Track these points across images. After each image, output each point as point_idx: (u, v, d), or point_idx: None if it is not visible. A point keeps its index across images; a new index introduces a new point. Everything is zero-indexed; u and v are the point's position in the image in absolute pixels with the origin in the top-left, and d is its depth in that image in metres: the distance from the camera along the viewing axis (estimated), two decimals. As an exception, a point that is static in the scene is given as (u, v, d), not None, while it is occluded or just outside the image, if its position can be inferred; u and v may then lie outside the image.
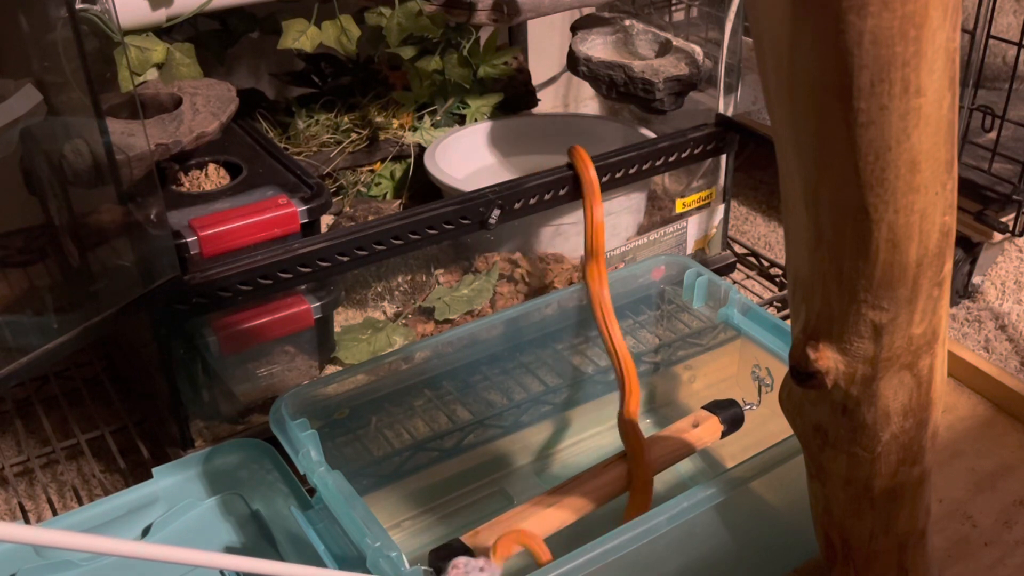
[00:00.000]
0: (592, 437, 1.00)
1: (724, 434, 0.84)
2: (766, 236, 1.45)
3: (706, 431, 0.82)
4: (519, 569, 0.71)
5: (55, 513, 0.96)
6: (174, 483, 0.86)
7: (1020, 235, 1.11)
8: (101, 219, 0.92)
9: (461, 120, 1.27)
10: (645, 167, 1.11)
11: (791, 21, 0.46)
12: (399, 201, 1.20)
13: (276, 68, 1.34)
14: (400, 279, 1.07)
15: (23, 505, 0.99)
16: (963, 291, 1.27)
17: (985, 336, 1.21)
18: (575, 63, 1.20)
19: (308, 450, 0.77)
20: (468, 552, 0.67)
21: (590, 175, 1.01)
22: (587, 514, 0.76)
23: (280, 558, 0.80)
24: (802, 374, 0.58)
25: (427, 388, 0.93)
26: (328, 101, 1.25)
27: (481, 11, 1.05)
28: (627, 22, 1.25)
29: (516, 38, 1.45)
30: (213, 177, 1.02)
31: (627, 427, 0.82)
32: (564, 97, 1.63)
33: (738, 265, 1.32)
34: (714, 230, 1.25)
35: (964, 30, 1.05)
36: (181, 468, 0.87)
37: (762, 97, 0.53)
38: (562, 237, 1.13)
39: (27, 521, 0.95)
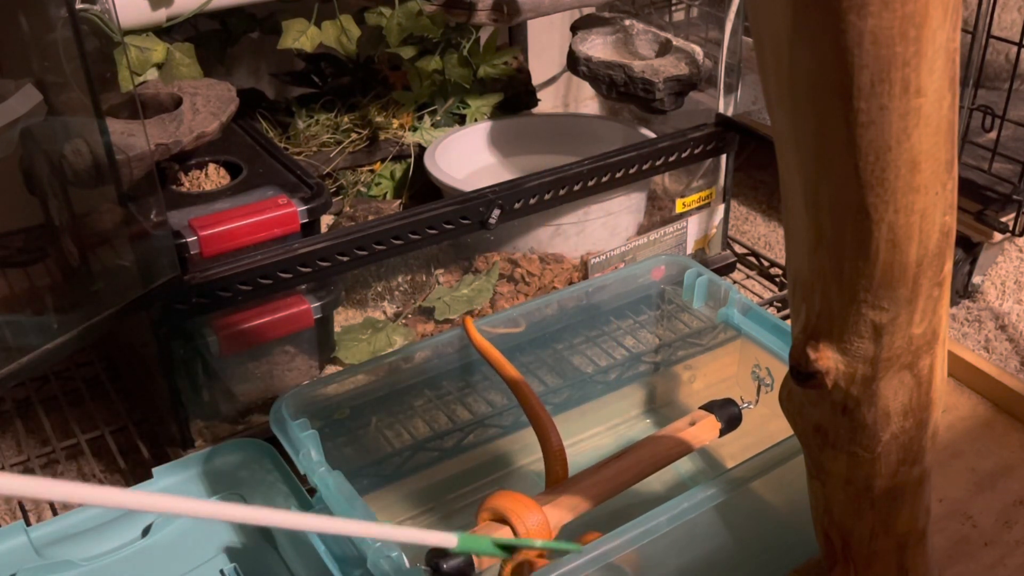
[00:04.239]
0: (592, 437, 1.00)
1: (722, 433, 0.84)
2: (766, 236, 1.45)
3: (704, 430, 0.82)
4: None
5: (55, 513, 0.96)
6: (174, 483, 0.86)
7: (1020, 235, 1.11)
8: (101, 219, 0.92)
9: (461, 120, 1.27)
10: (645, 167, 1.11)
11: (791, 21, 0.46)
12: (399, 201, 1.20)
13: (276, 68, 1.34)
14: (400, 279, 1.07)
15: (23, 505, 0.99)
16: (963, 291, 1.27)
17: (985, 336, 1.21)
18: (575, 63, 1.20)
19: (308, 450, 0.77)
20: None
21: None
22: (586, 512, 0.76)
23: (280, 558, 0.80)
24: (802, 374, 0.58)
25: (427, 388, 0.93)
26: (328, 101, 1.25)
27: (481, 11, 1.05)
28: (627, 22, 1.25)
29: (516, 38, 1.45)
30: (213, 177, 1.02)
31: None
32: (564, 97, 1.63)
33: (738, 265, 1.32)
34: (714, 230, 1.25)
35: (964, 29, 1.05)
36: (181, 468, 0.87)
37: (762, 97, 0.53)
38: (562, 237, 1.13)
39: (27, 521, 0.95)
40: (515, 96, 1.30)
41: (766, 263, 1.33)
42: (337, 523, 0.53)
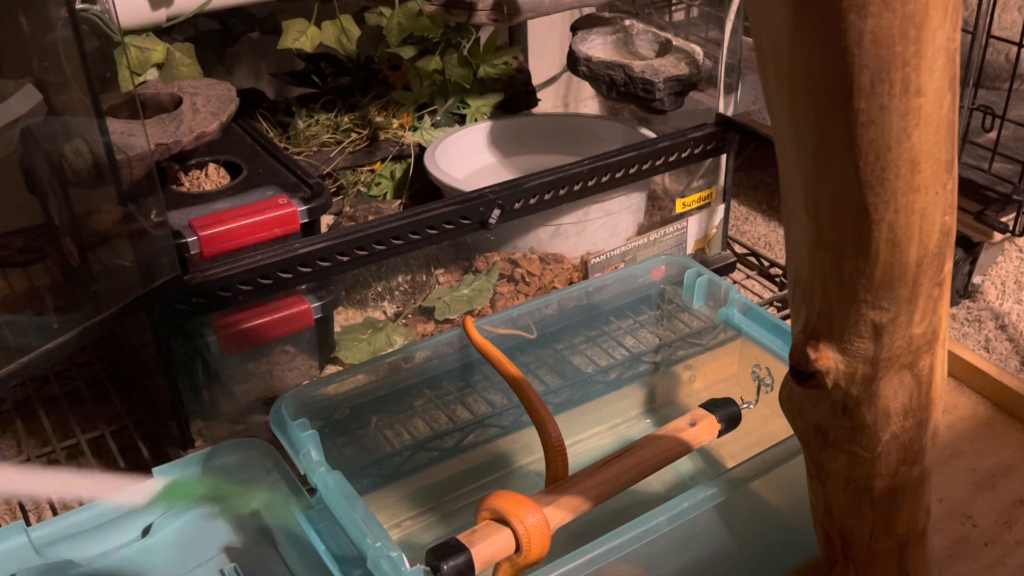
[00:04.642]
0: (592, 437, 1.00)
1: (721, 432, 0.84)
2: (766, 236, 1.45)
3: (703, 430, 0.82)
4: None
5: (55, 513, 0.96)
6: (174, 483, 0.86)
7: (1020, 235, 1.11)
8: (101, 219, 0.92)
9: (461, 120, 1.27)
10: (645, 167, 1.11)
11: (791, 21, 0.46)
12: (399, 201, 1.20)
13: (276, 68, 1.34)
14: (400, 279, 1.07)
15: (23, 505, 0.99)
16: (963, 291, 1.27)
17: (985, 336, 1.21)
18: (575, 63, 1.20)
19: (308, 450, 0.77)
20: (465, 551, 0.67)
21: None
22: (585, 512, 0.76)
23: (280, 558, 0.80)
24: (802, 374, 0.58)
25: (427, 388, 0.93)
26: (328, 101, 1.25)
27: (481, 11, 1.05)
28: (627, 22, 1.25)
29: (516, 38, 1.45)
30: (213, 177, 1.02)
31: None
32: (564, 97, 1.63)
33: (738, 265, 1.32)
34: (714, 230, 1.25)
35: (964, 29, 1.05)
36: (181, 468, 0.87)
37: (762, 97, 0.53)
38: (562, 237, 1.13)
39: (27, 521, 0.95)
40: (515, 96, 1.30)
41: (766, 263, 1.33)
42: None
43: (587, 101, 1.65)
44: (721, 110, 1.19)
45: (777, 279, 1.30)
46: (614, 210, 1.14)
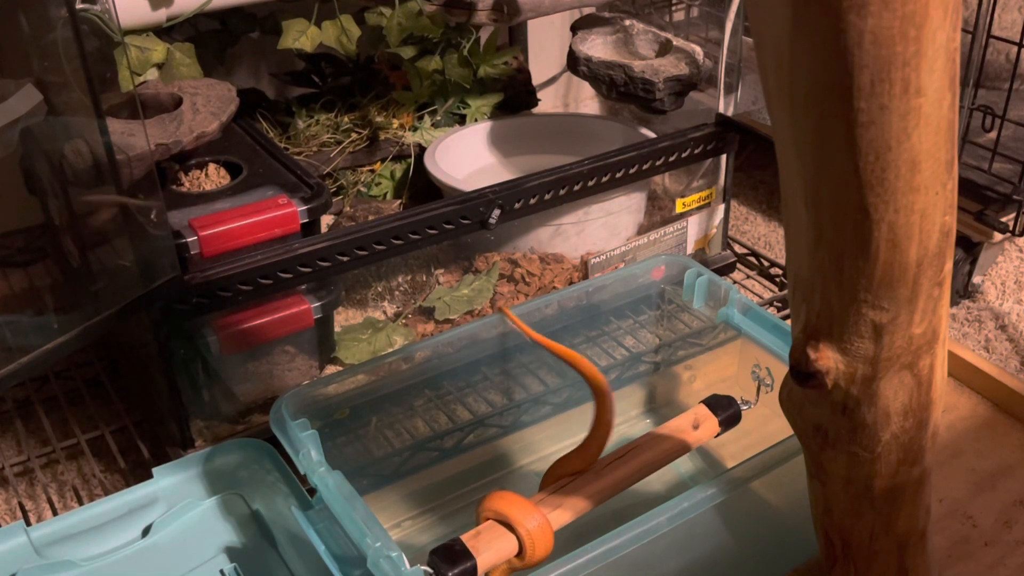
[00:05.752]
0: (592, 437, 1.00)
1: (720, 431, 0.84)
2: (766, 236, 1.45)
3: (703, 428, 0.82)
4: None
5: (55, 513, 0.96)
6: (174, 483, 0.86)
7: (1020, 235, 1.11)
8: (101, 219, 0.92)
9: (461, 120, 1.27)
10: (645, 167, 1.11)
11: (791, 21, 0.46)
12: (399, 201, 1.20)
13: (276, 68, 1.34)
14: (400, 279, 1.07)
15: (23, 505, 0.99)
16: (963, 291, 1.27)
17: (985, 336, 1.21)
18: (575, 63, 1.20)
19: (308, 450, 0.77)
20: (471, 558, 0.67)
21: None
22: (586, 512, 0.76)
23: (280, 558, 0.80)
24: (802, 374, 0.58)
25: (427, 388, 0.93)
26: (328, 101, 1.25)
27: (481, 11, 1.05)
28: (627, 22, 1.25)
29: (516, 38, 1.45)
30: (213, 177, 1.02)
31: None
32: (564, 97, 1.63)
33: (738, 265, 1.32)
34: (714, 230, 1.25)
35: (964, 29, 1.05)
36: (181, 468, 0.87)
37: (762, 97, 0.53)
38: (562, 237, 1.13)
39: (27, 521, 0.95)
40: (515, 96, 1.30)
41: (766, 263, 1.33)
42: None
43: (587, 101, 1.65)
44: (721, 110, 1.19)
45: (777, 279, 1.30)
46: (614, 210, 1.14)
